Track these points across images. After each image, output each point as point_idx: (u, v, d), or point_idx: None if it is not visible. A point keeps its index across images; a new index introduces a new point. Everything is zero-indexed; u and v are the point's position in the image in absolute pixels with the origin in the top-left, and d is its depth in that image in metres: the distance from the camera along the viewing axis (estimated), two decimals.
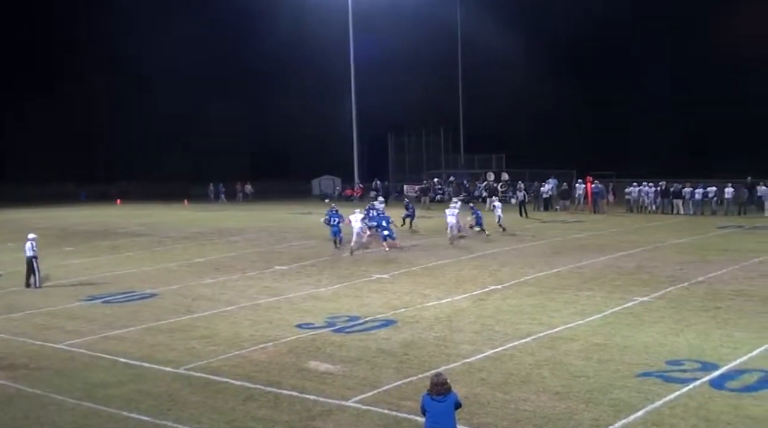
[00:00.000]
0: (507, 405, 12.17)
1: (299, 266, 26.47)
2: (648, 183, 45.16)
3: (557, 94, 70.32)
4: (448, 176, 61.63)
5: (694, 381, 13.11)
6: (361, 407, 12.31)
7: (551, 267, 24.89)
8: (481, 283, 22.43)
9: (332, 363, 14.67)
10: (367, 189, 62.30)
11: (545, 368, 14.03)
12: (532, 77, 71.99)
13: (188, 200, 61.51)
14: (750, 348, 14.95)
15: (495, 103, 72.30)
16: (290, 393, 13.02)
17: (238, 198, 64.30)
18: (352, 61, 62.62)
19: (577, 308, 18.88)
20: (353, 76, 62.70)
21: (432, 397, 9.37)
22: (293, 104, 76.40)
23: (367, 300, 20.42)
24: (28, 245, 23.60)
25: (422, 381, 13.29)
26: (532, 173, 56.51)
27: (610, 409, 11.90)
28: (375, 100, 67.07)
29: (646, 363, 14.15)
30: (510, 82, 72.39)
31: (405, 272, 24.80)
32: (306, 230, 37.70)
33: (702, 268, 24.21)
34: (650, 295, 20.20)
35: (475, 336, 16.36)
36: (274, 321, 18.31)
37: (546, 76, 70.68)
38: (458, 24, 68.17)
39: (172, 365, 14.85)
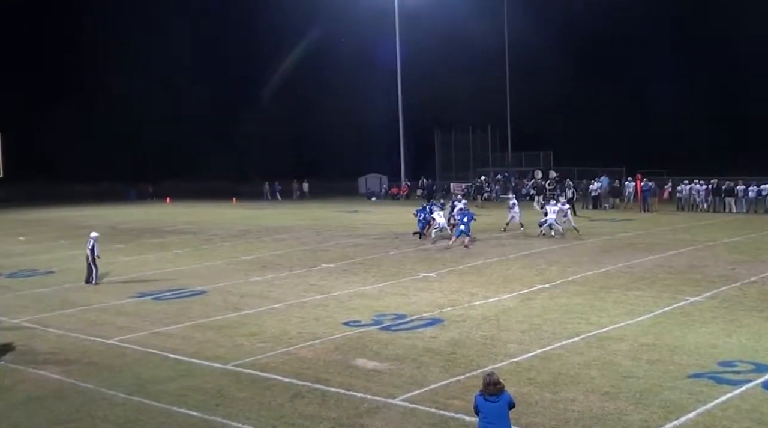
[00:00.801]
0: (555, 405, 12.08)
1: (346, 264, 26.54)
2: (699, 181, 44.50)
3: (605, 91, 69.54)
4: (496, 174, 61.35)
5: (747, 382, 12.87)
6: (408, 405, 12.31)
7: (600, 266, 24.65)
8: (529, 282, 22.28)
9: (379, 361, 14.68)
10: (413, 187, 62.28)
11: (594, 368, 13.89)
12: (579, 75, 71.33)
13: (236, 199, 62.05)
14: None
15: (543, 101, 71.77)
16: (337, 391, 13.07)
17: (295, 196, 64.49)
18: (398, 59, 62.63)
19: (626, 307, 18.66)
20: (399, 73, 62.70)
21: (485, 397, 9.23)
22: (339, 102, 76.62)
23: (414, 299, 20.40)
24: (90, 243, 23.95)
25: (469, 380, 13.26)
26: (580, 171, 56.00)
27: (661, 410, 11.75)
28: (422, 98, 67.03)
29: (697, 364, 13.94)
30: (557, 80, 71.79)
31: (452, 270, 24.74)
32: (352, 229, 37.81)
33: (755, 268, 23.78)
34: (701, 295, 19.89)
35: (522, 336, 16.25)
36: (321, 318, 18.38)
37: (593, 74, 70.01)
38: (505, 22, 67.80)
39: (221, 361, 14.99)
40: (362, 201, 59.61)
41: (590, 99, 71.20)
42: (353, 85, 75.72)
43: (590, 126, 71.11)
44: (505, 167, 63.84)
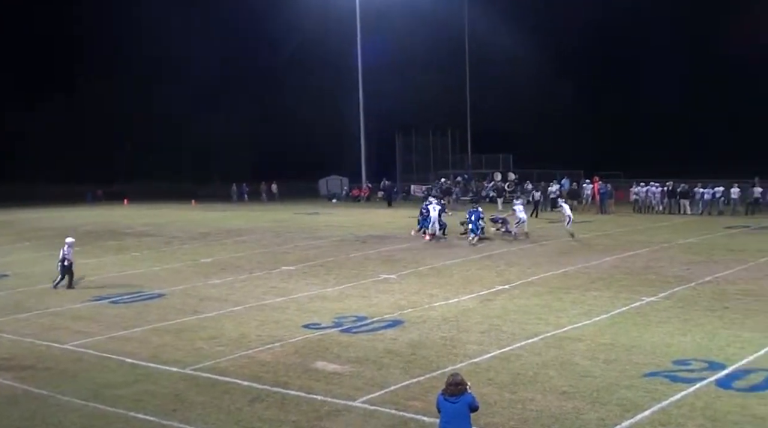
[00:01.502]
0: (514, 405, 12.17)
1: (306, 267, 26.48)
2: (655, 183, 45.10)
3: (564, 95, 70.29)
4: (456, 176, 61.60)
5: (701, 380, 13.09)
6: (368, 407, 12.32)
7: (558, 267, 24.87)
8: (489, 283, 22.42)
9: (339, 364, 14.68)
10: (374, 189, 62.30)
11: (552, 368, 14.02)
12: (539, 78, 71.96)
13: (195, 201, 61.58)
14: (757, 348, 14.92)
15: (502, 104, 72.27)
16: (297, 394, 13.04)
17: (262, 198, 64.05)
18: (359, 60, 62.65)
19: (584, 308, 18.86)
20: (360, 75, 62.72)
21: (446, 397, 9.23)
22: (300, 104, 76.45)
23: (375, 300, 20.42)
24: (65, 248, 23.23)
25: (429, 381, 13.31)
26: (539, 173, 56.51)
27: (617, 409, 11.89)
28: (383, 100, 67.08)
29: (653, 363, 14.13)
30: (517, 83, 72.36)
31: (412, 272, 24.80)
32: (313, 231, 37.74)
33: (709, 268, 24.17)
34: (657, 295, 20.17)
35: (482, 336, 16.35)
36: (281, 321, 18.32)
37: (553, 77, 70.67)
38: (465, 24, 68.13)
39: (179, 365, 14.88)
40: (323, 203, 59.50)
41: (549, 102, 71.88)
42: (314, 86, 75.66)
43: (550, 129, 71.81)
44: (465, 169, 64.11)
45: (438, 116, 67.36)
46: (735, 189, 42.43)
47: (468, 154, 68.67)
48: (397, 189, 61.29)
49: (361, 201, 60.57)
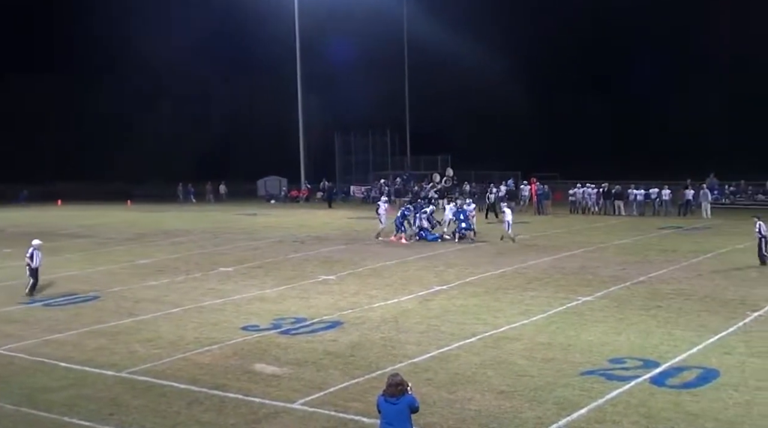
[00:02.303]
0: (452, 405, 12.25)
1: (244, 268, 26.29)
2: (590, 185, 45.84)
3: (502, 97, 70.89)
4: (395, 177, 61.73)
5: (635, 378, 13.34)
6: (307, 409, 12.28)
7: (496, 268, 25.11)
8: (427, 284, 22.53)
9: (278, 366, 14.60)
10: (313, 190, 62.09)
11: (490, 367, 14.15)
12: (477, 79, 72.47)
13: (131, 201, 60.60)
14: (689, 346, 15.27)
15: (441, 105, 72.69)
16: (235, 396, 12.93)
17: (209, 199, 63.20)
18: (298, 61, 62.34)
19: (522, 308, 19.08)
20: (299, 76, 62.43)
21: (386, 398, 9.20)
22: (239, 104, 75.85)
23: (314, 302, 20.36)
24: (30, 251, 22.11)
25: (368, 382, 13.33)
26: (478, 175, 56.99)
27: (554, 407, 12.06)
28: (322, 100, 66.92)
29: (589, 362, 14.36)
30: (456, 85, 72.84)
31: (351, 273, 24.80)
32: (251, 232, 37.48)
33: (643, 268, 24.66)
34: (593, 295, 20.51)
35: (421, 337, 16.42)
36: (219, 323, 18.15)
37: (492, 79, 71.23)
38: (404, 26, 68.34)
39: (115, 369, 14.64)
40: (261, 204, 59.07)
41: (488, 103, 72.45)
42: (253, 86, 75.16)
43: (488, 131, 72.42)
44: (404, 170, 64.29)
45: (377, 116, 67.39)
46: (666, 191, 43.36)
47: (407, 155, 68.88)
48: (336, 190, 61.19)
49: (300, 202, 60.30)
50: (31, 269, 22.14)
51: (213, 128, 78.52)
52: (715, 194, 45.73)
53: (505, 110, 72.17)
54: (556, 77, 72.37)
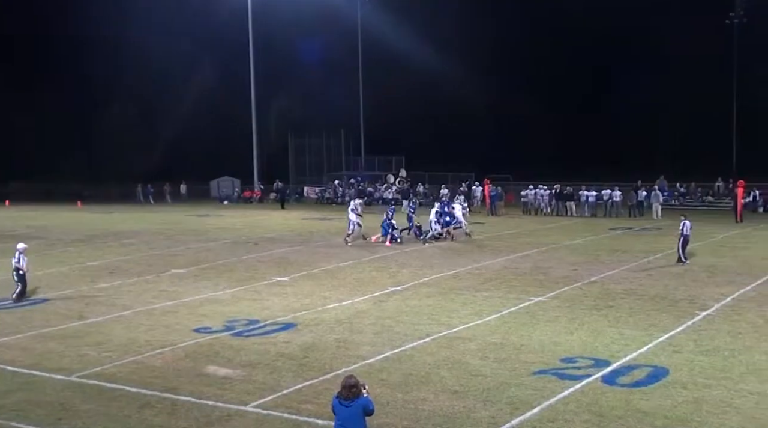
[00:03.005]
0: (406, 405, 12.26)
1: (197, 269, 26.05)
2: (543, 186, 46.31)
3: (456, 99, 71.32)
4: (349, 178, 61.75)
5: (587, 377, 13.48)
6: (260, 412, 12.20)
7: (450, 268, 25.21)
8: (382, 284, 22.54)
9: (231, 368, 14.48)
10: (266, 191, 61.82)
11: (444, 368, 14.19)
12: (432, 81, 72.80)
13: (81, 202, 59.73)
14: (639, 345, 15.48)
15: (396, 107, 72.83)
16: (188, 399, 12.80)
17: (167, 199, 62.44)
18: (251, 61, 62.05)
19: (475, 308, 19.18)
20: (253, 76, 62.15)
21: (340, 400, 9.19)
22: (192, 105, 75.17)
23: (267, 303, 20.25)
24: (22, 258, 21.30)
25: (322, 384, 13.29)
26: (431, 176, 57.24)
27: (507, 407, 12.13)
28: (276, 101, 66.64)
29: (541, 361, 14.48)
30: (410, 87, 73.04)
31: (305, 274, 24.71)
32: (204, 233, 37.17)
33: (594, 268, 24.96)
34: (545, 295, 20.69)
35: (375, 338, 16.42)
36: (171, 325, 17.96)
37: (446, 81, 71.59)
38: (359, 27, 68.36)
39: (64, 372, 14.39)
40: (214, 205, 58.65)
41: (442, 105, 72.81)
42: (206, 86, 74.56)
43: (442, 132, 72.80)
44: (359, 171, 64.34)
45: (331, 117, 67.35)
46: (617, 192, 43.97)
47: (361, 156, 68.94)
48: (289, 191, 60.99)
49: (253, 203, 60.01)
50: (20, 275, 21.28)
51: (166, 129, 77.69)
52: (665, 196, 46.49)
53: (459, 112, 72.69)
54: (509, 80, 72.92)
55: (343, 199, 57.18)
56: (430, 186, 54.61)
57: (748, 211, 42.82)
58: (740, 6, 56.93)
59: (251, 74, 62.18)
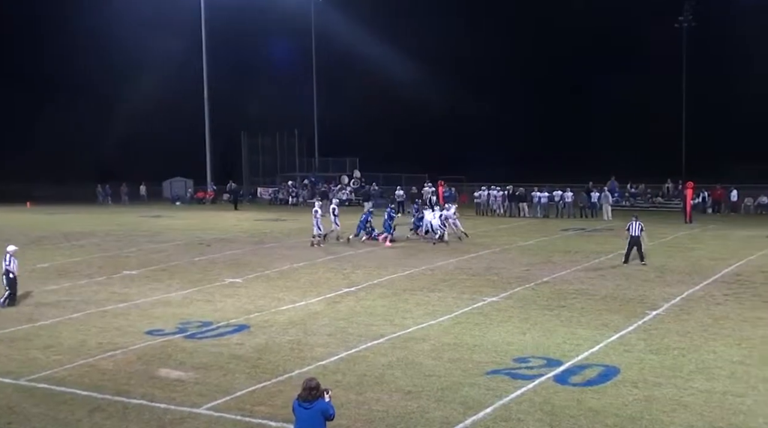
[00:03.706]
0: (360, 406, 12.27)
1: (149, 271, 25.78)
2: (495, 187, 46.64)
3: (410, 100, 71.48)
4: (303, 179, 61.56)
5: (539, 377, 13.61)
6: (213, 414, 12.11)
7: (403, 269, 25.27)
8: (335, 286, 22.52)
9: (183, 370, 14.36)
10: (219, 192, 61.36)
11: (398, 368, 14.22)
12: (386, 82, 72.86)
13: (30, 202, 58.68)
14: (591, 344, 15.67)
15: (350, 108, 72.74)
16: (139, 402, 12.66)
17: (123, 200, 61.49)
18: (204, 61, 61.53)
19: (429, 309, 19.25)
20: (206, 76, 61.63)
21: (300, 402, 9.16)
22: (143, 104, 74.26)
23: (220, 305, 20.11)
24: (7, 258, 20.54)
25: (276, 386, 13.25)
26: (386, 177, 57.31)
27: (460, 407, 12.20)
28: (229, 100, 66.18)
29: (494, 361, 14.58)
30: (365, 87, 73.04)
31: (259, 275, 24.60)
32: (156, 234, 36.79)
33: (547, 269, 25.20)
34: (499, 295, 20.84)
35: (329, 339, 16.40)
36: (122, 327, 17.75)
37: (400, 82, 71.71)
38: (312, 28, 68.19)
39: (12, 376, 14.14)
40: (167, 206, 58.07)
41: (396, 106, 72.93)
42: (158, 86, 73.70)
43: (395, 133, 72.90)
44: (312, 172, 64.18)
45: (285, 117, 67.04)
46: (569, 193, 44.46)
47: (315, 157, 68.75)
48: (243, 192, 60.61)
49: (206, 204, 59.53)
50: (10, 279, 20.44)
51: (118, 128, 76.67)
52: (615, 197, 47.11)
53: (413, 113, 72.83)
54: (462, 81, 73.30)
55: (297, 200, 57.04)
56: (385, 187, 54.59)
57: (697, 212, 43.53)
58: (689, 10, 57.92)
59: (204, 74, 61.67)
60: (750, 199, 46.69)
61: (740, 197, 46.85)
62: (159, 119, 74.38)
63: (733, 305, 19.49)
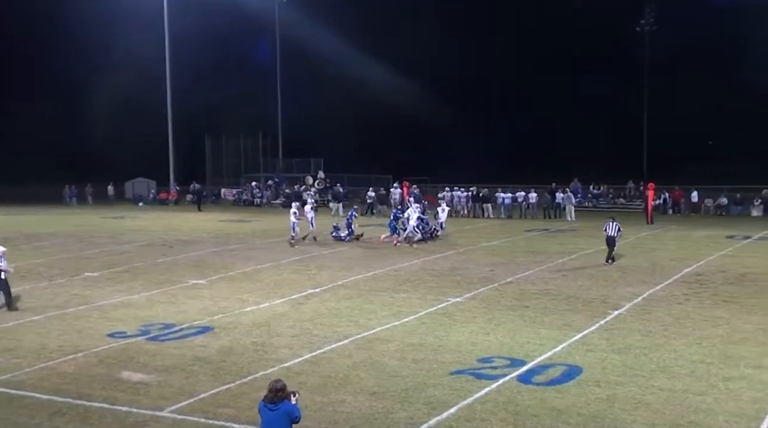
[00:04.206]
0: (325, 408, 12.24)
1: (111, 273, 25.51)
2: (460, 188, 46.81)
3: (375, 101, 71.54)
4: (267, 180, 61.32)
5: (503, 377, 13.67)
6: (176, 417, 12.01)
7: (368, 270, 25.27)
8: (300, 287, 22.45)
9: (146, 373, 14.22)
10: (183, 192, 60.91)
11: (362, 369, 14.21)
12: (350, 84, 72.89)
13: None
14: (554, 344, 15.78)
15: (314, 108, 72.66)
16: (101, 406, 12.52)
17: (88, 201, 60.68)
18: (167, 61, 61.04)
19: (393, 309, 19.26)
20: (169, 77, 61.16)
21: (265, 403, 9.12)
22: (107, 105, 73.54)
23: (183, 307, 19.95)
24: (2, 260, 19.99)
25: (240, 388, 13.17)
26: (350, 178, 57.29)
27: (425, 407, 12.22)
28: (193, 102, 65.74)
29: (458, 362, 14.63)
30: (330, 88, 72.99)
31: (222, 277, 24.45)
32: (118, 235, 36.43)
33: (510, 269, 25.34)
34: (463, 296, 20.91)
35: (293, 340, 16.34)
36: (83, 330, 17.53)
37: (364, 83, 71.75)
38: (277, 29, 67.98)
39: None
40: (129, 207, 57.52)
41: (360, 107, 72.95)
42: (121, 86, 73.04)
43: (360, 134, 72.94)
44: (276, 173, 63.95)
45: (249, 118, 66.75)
46: (533, 194, 44.76)
47: (279, 158, 68.52)
48: (206, 193, 60.23)
49: (170, 205, 59.06)
50: (2, 279, 19.87)
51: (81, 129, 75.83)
52: (578, 198, 47.52)
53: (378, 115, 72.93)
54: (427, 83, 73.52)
55: (262, 201, 56.81)
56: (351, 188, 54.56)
57: (658, 213, 44.03)
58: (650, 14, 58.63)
59: (167, 74, 61.16)
60: (710, 200, 47.35)
61: (700, 198, 47.52)
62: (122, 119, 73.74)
63: (694, 304, 19.74)
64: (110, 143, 74.42)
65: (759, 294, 21.05)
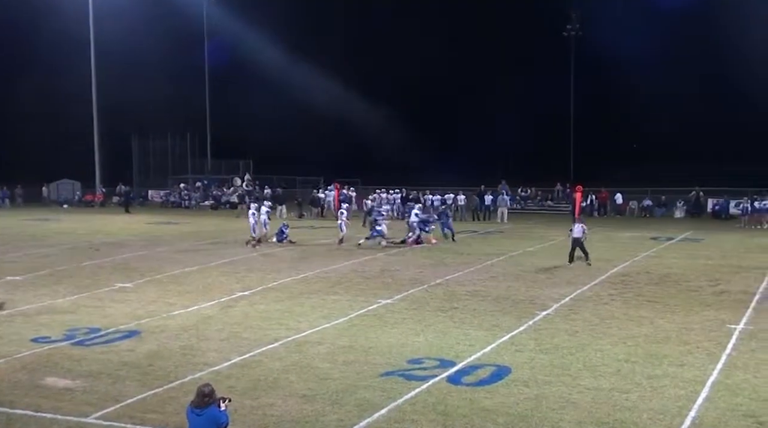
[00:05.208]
0: (254, 412, 12.15)
1: (34, 276, 24.90)
2: (390, 190, 46.98)
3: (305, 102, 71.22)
4: (195, 182, 60.62)
5: (433, 378, 13.76)
6: (102, 423, 11.79)
7: (298, 272, 25.18)
8: (229, 290, 22.26)
9: (71, 379, 13.93)
10: (109, 194, 59.77)
11: (293, 372, 14.16)
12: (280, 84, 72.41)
13: None
14: (483, 345, 15.95)
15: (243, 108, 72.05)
16: (24, 413, 12.21)
17: (18, 202, 58.84)
18: (92, 60, 59.81)
19: (324, 312, 19.23)
20: (94, 75, 59.87)
21: (192, 408, 9.00)
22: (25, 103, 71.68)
23: (110, 311, 19.59)
24: None
25: (167, 392, 13.00)
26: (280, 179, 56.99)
27: (356, 409, 12.23)
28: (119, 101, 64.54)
29: (388, 363, 14.68)
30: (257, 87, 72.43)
31: (150, 280, 24.08)
32: (42, 238, 35.57)
33: (439, 271, 25.53)
34: (393, 297, 20.98)
35: (222, 344, 16.19)
36: (5, 335, 17.08)
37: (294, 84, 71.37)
38: (204, 28, 67.25)
39: None
40: (53, 208, 56.17)
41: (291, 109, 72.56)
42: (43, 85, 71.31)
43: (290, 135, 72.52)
44: (205, 175, 63.25)
45: (177, 119, 65.81)
46: (462, 196, 45.17)
47: (207, 159, 67.76)
48: (133, 194, 59.21)
49: (95, 207, 57.89)
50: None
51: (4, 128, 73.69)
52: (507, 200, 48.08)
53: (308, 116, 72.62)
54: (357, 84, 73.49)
55: (190, 203, 56.15)
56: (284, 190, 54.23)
57: (584, 215, 44.76)
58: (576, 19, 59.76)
59: (92, 73, 59.90)
60: (634, 202, 48.43)
61: (625, 200, 48.58)
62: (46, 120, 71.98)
63: (619, 304, 20.17)
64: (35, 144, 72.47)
65: (681, 294, 21.61)
